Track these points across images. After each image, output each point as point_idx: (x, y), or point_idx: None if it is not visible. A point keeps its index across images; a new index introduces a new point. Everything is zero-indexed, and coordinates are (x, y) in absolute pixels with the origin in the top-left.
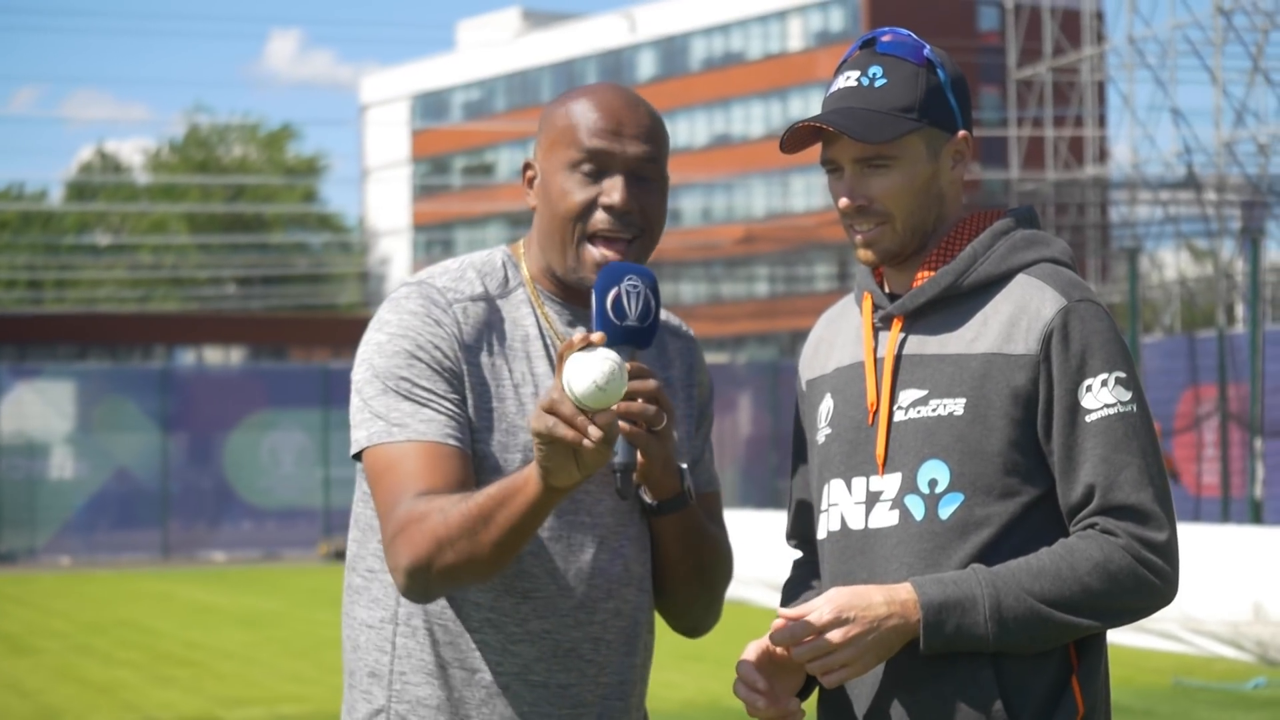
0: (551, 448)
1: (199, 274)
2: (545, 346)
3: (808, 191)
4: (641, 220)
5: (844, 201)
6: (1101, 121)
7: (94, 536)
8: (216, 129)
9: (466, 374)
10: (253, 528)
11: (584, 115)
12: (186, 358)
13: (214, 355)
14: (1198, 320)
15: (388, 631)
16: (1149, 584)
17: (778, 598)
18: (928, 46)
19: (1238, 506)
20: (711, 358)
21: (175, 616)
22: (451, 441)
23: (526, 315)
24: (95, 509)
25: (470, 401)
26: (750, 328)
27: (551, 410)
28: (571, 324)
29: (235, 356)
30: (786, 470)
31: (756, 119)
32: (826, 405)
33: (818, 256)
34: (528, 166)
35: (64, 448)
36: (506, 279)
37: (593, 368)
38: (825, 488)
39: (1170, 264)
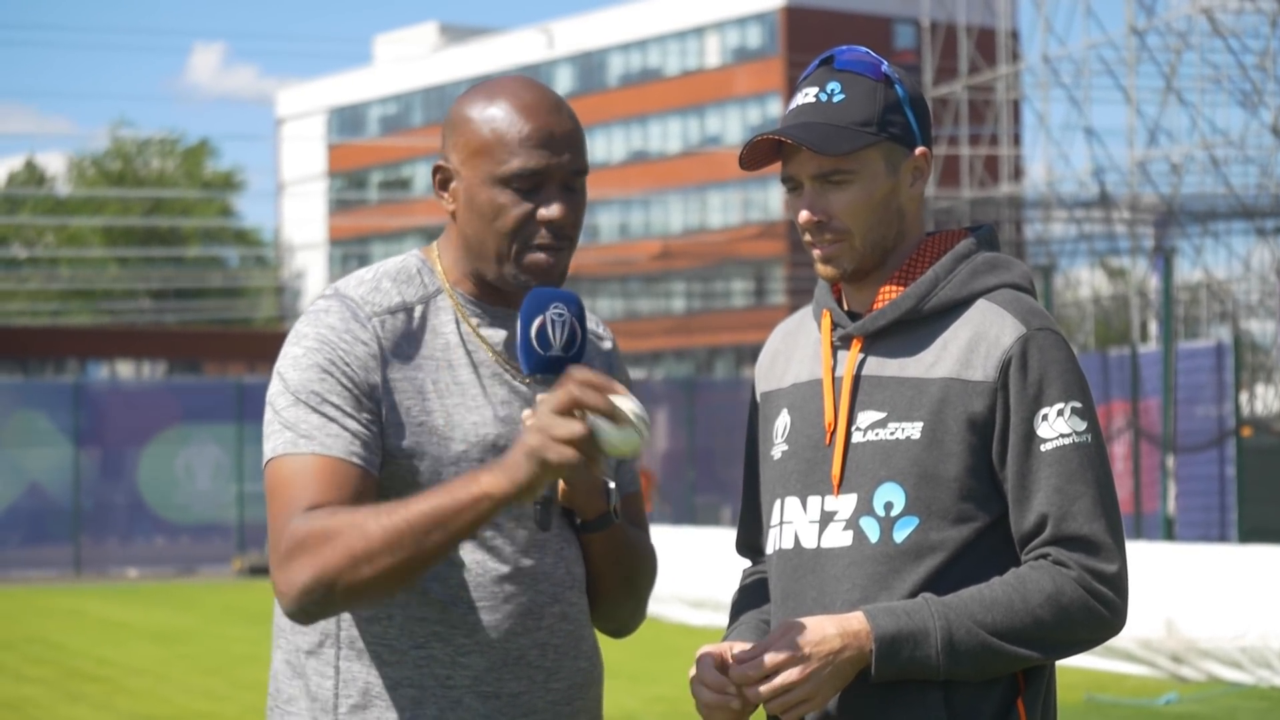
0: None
1: (114, 287)
2: (467, 353)
3: (725, 208)
4: (573, 230)
5: (804, 216)
6: (1016, 140)
7: (4, 552)
8: (138, 143)
9: (389, 389)
10: (166, 543)
11: (512, 125)
12: (100, 372)
13: (127, 369)
14: (1113, 338)
15: (329, 655)
16: (1099, 616)
17: (694, 614)
18: (885, 63)
19: (1150, 523)
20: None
21: (86, 633)
22: (355, 460)
23: (446, 322)
24: (6, 524)
25: (394, 418)
26: (667, 344)
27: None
28: (492, 326)
29: (149, 371)
30: (703, 487)
31: (674, 135)
32: (783, 421)
33: (734, 272)
34: (438, 170)
35: None
36: (424, 286)
37: (628, 434)
38: (778, 504)
39: (1086, 282)
